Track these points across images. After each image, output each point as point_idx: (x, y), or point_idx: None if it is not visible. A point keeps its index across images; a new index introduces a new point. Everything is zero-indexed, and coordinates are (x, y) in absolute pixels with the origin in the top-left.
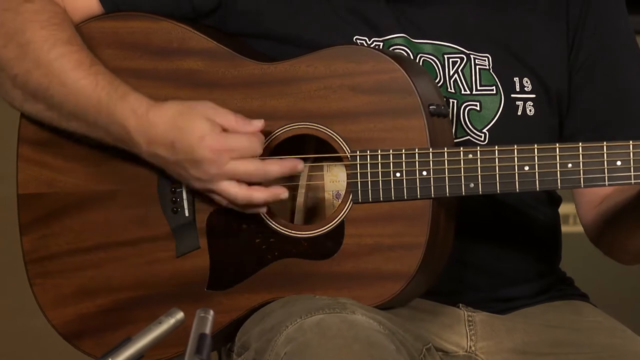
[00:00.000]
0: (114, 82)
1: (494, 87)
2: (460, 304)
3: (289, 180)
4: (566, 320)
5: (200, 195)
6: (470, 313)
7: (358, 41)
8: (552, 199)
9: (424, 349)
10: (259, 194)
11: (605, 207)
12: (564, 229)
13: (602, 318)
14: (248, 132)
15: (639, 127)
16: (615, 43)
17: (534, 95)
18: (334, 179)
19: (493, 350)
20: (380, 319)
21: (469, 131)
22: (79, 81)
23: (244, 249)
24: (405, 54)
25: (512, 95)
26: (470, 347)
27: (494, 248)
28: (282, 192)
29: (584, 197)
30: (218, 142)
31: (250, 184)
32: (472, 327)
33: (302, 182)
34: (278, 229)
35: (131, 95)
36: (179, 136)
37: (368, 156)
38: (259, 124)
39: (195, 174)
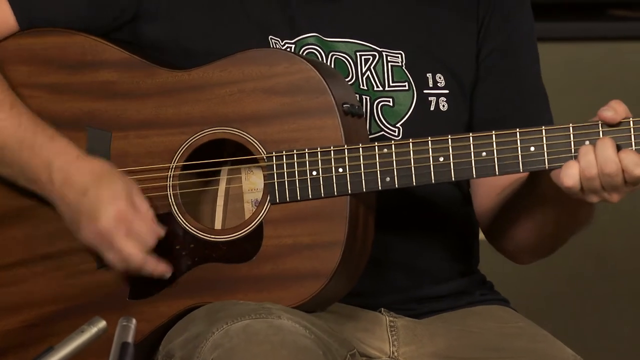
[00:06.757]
0: (39, 125)
1: (406, 84)
2: (382, 309)
3: (208, 185)
4: (487, 326)
5: None
6: (392, 318)
7: (272, 41)
8: (466, 199)
9: (349, 355)
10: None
11: (501, 198)
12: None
13: (523, 323)
14: (152, 227)
15: (533, 125)
16: (516, 43)
17: (447, 91)
18: (253, 188)
19: (415, 355)
20: (306, 323)
21: (382, 126)
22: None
23: (164, 256)
24: (318, 53)
25: (425, 91)
26: (392, 352)
27: (411, 247)
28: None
29: (479, 188)
30: (125, 211)
31: None
32: (394, 332)
33: (222, 186)
34: (197, 234)
35: (61, 139)
36: (94, 187)
37: (284, 156)
38: (161, 231)
39: (87, 231)
